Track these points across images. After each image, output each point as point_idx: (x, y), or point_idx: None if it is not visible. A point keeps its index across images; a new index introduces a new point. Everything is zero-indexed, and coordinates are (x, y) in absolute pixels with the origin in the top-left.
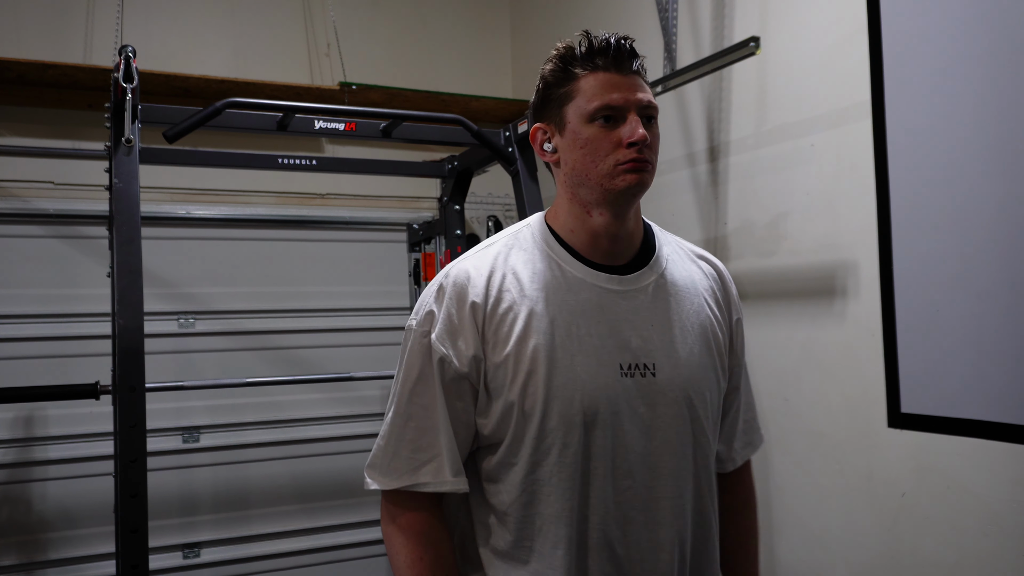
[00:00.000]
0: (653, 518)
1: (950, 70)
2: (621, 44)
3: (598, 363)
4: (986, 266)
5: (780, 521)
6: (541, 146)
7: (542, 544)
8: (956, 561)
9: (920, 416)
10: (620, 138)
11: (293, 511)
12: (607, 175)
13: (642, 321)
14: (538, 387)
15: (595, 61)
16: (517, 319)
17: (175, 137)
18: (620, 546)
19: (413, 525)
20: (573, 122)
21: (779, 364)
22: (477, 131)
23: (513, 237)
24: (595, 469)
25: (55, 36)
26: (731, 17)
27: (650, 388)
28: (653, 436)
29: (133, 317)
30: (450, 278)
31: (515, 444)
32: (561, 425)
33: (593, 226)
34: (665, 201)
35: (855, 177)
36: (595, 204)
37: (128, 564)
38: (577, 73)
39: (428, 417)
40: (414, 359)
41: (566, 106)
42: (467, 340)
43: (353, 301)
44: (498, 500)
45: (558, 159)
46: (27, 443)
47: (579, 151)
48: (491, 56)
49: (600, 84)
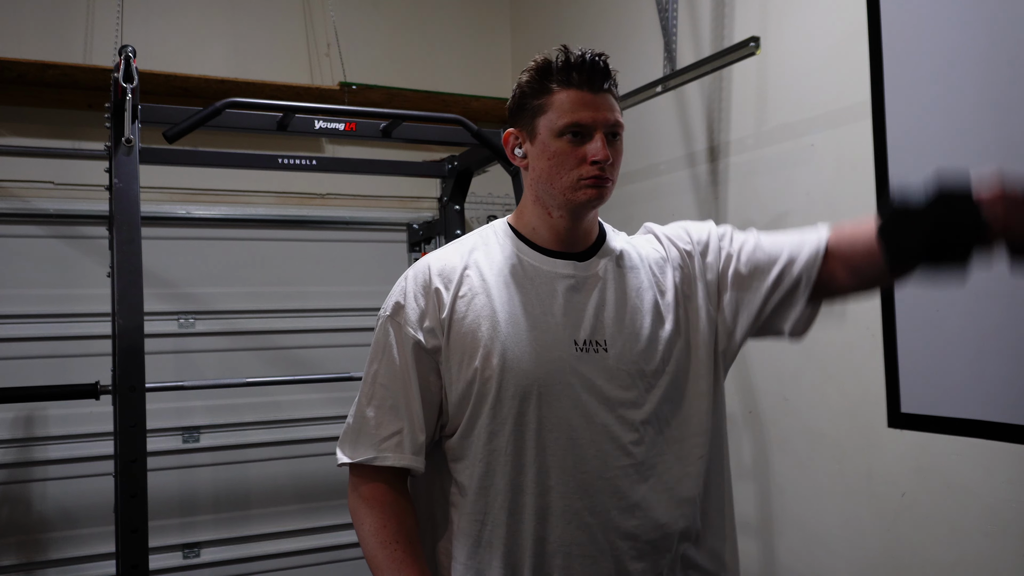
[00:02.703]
0: (618, 486)
1: (950, 70)
2: (596, 62)
3: (553, 339)
4: (986, 265)
5: (780, 521)
6: (512, 150)
7: (499, 512)
8: (956, 561)
9: (920, 416)
10: (586, 155)
11: (293, 511)
12: (570, 187)
13: (595, 303)
14: (493, 361)
15: (569, 77)
16: (475, 300)
17: (175, 137)
18: (589, 514)
19: (376, 496)
20: (543, 134)
21: (779, 364)
22: (477, 131)
23: (477, 235)
24: (554, 440)
25: (55, 36)
26: (731, 17)
27: (604, 363)
28: (611, 408)
29: (133, 317)
30: (416, 269)
31: (473, 417)
32: (516, 396)
33: (553, 223)
34: (665, 201)
35: (855, 177)
36: (556, 208)
37: (128, 564)
38: (552, 87)
39: (391, 396)
40: (381, 342)
41: (539, 118)
42: (431, 321)
43: (353, 301)
44: (464, 476)
45: (527, 164)
46: (27, 443)
47: (547, 161)
48: (491, 56)
49: (572, 101)
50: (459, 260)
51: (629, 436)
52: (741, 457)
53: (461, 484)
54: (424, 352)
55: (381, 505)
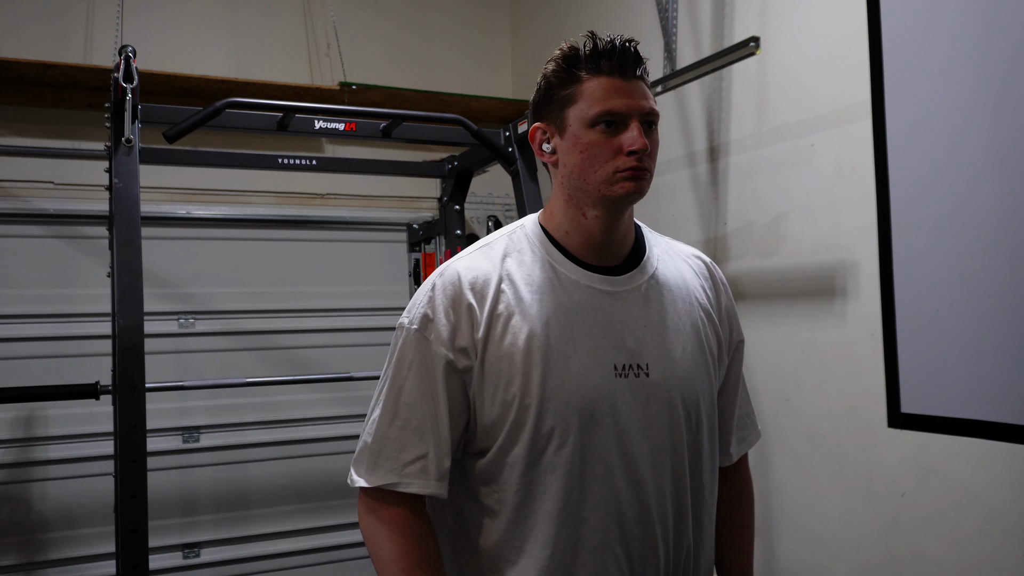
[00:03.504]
0: (651, 517)
1: (950, 70)
2: (626, 48)
3: (593, 363)
4: (986, 266)
5: (780, 521)
6: (540, 146)
7: (532, 544)
8: (956, 561)
9: (920, 416)
10: (621, 145)
11: (293, 511)
12: (605, 181)
13: (635, 322)
14: (533, 388)
15: (599, 64)
16: (512, 319)
17: (175, 137)
18: (620, 545)
19: (397, 519)
20: (574, 126)
21: (779, 364)
22: (477, 131)
23: (507, 238)
24: (593, 470)
25: (55, 36)
26: (731, 17)
27: (644, 388)
28: (649, 436)
29: (133, 317)
30: (445, 277)
31: (509, 443)
32: (557, 425)
33: (587, 227)
34: (665, 201)
35: (855, 177)
36: (591, 206)
37: (128, 564)
38: (581, 76)
39: (417, 417)
40: (406, 356)
41: (568, 109)
42: (463, 340)
43: (353, 301)
44: (492, 500)
45: (556, 160)
46: (27, 443)
47: (579, 155)
48: (491, 56)
49: (603, 89)
50: (492, 270)
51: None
52: None
53: (488, 507)
54: (455, 372)
55: (402, 529)
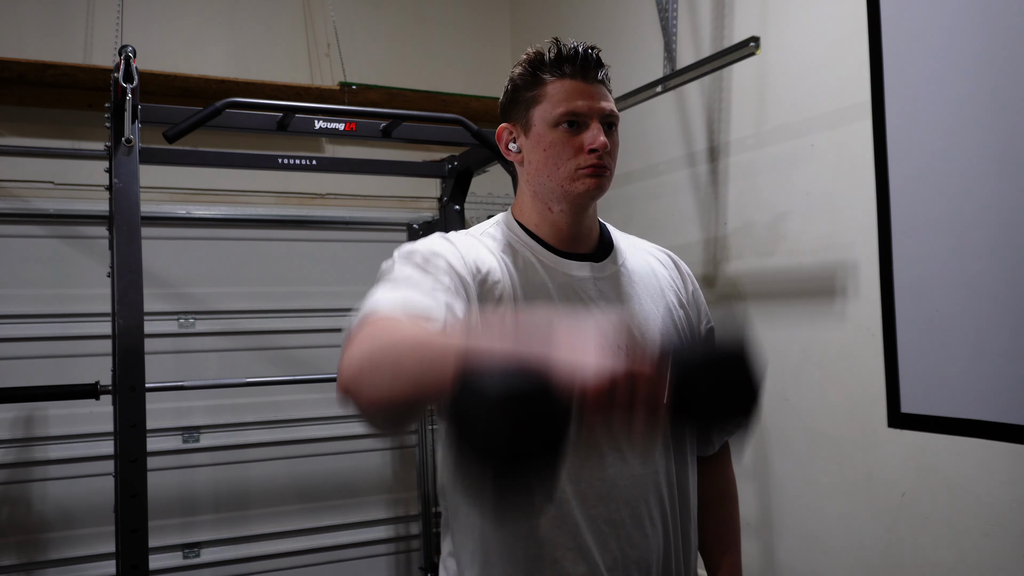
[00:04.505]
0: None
1: (950, 70)
2: (588, 53)
3: None
4: (986, 266)
5: (780, 521)
6: (506, 145)
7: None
8: (956, 561)
9: (920, 416)
10: (582, 144)
11: (293, 511)
12: (568, 178)
13: (612, 306)
14: None
15: (563, 68)
16: (502, 292)
17: (175, 137)
18: (604, 523)
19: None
20: (538, 125)
21: (779, 364)
22: (477, 131)
23: (488, 227)
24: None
25: (55, 36)
26: (731, 17)
27: None
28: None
29: (133, 317)
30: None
31: None
32: None
33: (554, 219)
34: (665, 201)
35: (855, 177)
36: (555, 201)
37: (128, 564)
38: (545, 79)
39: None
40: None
41: (532, 109)
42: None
43: (353, 301)
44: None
45: (522, 159)
46: (27, 443)
47: (543, 153)
48: (491, 56)
49: (566, 91)
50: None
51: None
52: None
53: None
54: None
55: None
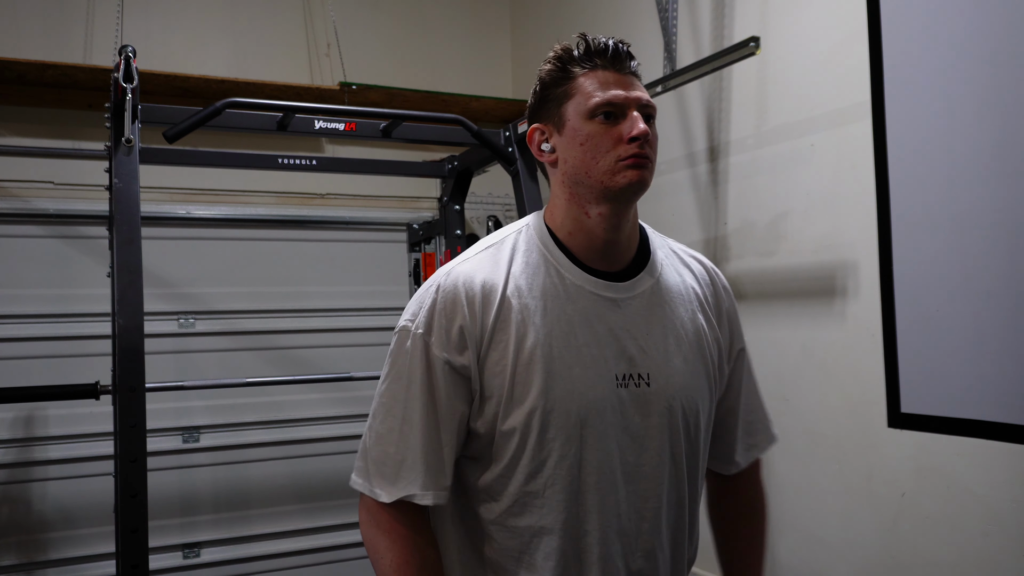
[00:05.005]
0: (647, 527)
1: (950, 70)
2: (619, 46)
3: (595, 374)
4: (986, 266)
5: (780, 521)
6: (539, 147)
7: (531, 556)
8: (956, 561)
9: (920, 416)
10: (621, 134)
11: (293, 511)
12: (608, 171)
13: (637, 330)
14: (537, 398)
15: (593, 61)
16: (515, 328)
17: (175, 137)
18: (619, 558)
19: (398, 529)
20: (573, 120)
21: (779, 364)
22: (477, 131)
23: (515, 238)
24: (587, 480)
25: (55, 36)
26: (731, 17)
27: (643, 398)
28: (646, 446)
29: (133, 317)
30: (449, 280)
31: (516, 457)
32: (559, 436)
33: (591, 227)
34: (665, 201)
35: (855, 177)
36: (594, 203)
37: (128, 564)
38: (575, 72)
39: (419, 423)
40: (410, 361)
41: (565, 104)
42: (462, 347)
43: (353, 301)
44: (490, 512)
45: (556, 159)
46: (27, 443)
47: (579, 148)
48: (491, 56)
49: (600, 81)
50: (498, 276)
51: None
52: None
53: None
54: (457, 376)
55: (403, 539)
